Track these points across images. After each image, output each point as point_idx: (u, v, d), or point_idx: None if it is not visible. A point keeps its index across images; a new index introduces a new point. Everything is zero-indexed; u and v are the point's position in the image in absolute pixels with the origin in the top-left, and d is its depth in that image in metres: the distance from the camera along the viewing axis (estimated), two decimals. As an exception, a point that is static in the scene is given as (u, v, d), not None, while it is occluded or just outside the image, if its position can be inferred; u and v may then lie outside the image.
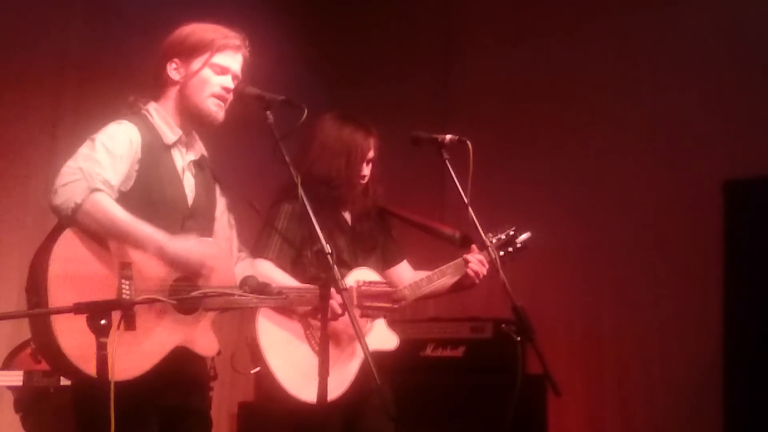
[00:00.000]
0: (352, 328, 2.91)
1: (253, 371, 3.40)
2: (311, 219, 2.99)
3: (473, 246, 3.70)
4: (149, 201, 3.00)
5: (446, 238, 3.76)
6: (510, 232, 3.81)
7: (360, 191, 3.71)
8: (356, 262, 3.63)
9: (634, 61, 5.92)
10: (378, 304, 3.47)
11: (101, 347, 2.49)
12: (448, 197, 5.61)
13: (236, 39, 3.13)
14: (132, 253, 2.89)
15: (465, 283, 3.70)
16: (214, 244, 3.10)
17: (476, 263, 3.65)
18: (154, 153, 3.04)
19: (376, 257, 3.73)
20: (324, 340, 2.82)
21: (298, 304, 3.29)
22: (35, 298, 2.83)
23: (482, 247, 3.68)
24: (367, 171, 3.69)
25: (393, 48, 6.75)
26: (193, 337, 2.99)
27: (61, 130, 5.33)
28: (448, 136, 3.61)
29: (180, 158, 3.12)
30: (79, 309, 2.54)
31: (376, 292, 3.50)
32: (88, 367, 2.73)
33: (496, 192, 5.69)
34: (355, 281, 3.51)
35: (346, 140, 3.63)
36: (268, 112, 3.05)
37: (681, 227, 5.64)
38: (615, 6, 6.02)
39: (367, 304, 3.44)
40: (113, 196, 2.91)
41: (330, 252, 2.89)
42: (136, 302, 2.73)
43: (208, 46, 3.07)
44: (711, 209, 5.50)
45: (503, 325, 3.60)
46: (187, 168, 3.14)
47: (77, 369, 2.79)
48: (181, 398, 3.04)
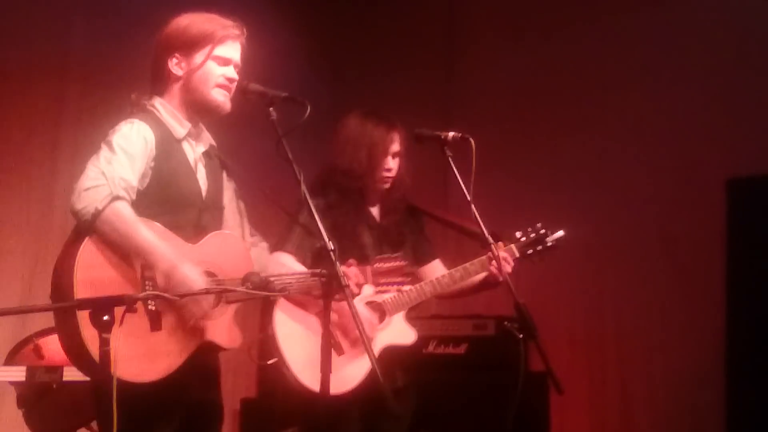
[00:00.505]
0: (363, 322, 2.91)
1: (270, 362, 3.47)
2: (314, 216, 2.99)
3: (500, 243, 3.70)
4: (166, 197, 3.01)
5: (475, 235, 3.74)
6: (541, 230, 3.80)
7: (386, 185, 3.76)
8: None
9: (637, 59, 5.91)
10: (393, 279, 3.45)
11: (104, 343, 2.49)
12: (451, 194, 5.60)
13: (235, 28, 3.12)
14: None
15: (489, 281, 3.70)
16: (231, 237, 3.12)
17: (500, 260, 3.64)
18: (167, 148, 3.04)
19: (404, 254, 3.70)
20: (326, 333, 2.82)
21: (302, 291, 3.25)
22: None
23: (505, 245, 3.70)
24: (392, 165, 3.74)
25: (396, 45, 6.74)
26: (218, 330, 3.01)
27: (63, 128, 5.34)
28: (451, 134, 3.61)
29: (191, 151, 3.13)
30: (81, 305, 2.54)
31: (390, 267, 3.45)
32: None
33: (498, 189, 5.68)
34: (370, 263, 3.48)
35: (368, 133, 3.71)
36: (271, 109, 3.04)
37: (684, 225, 5.64)
38: (618, 4, 6.01)
39: (382, 280, 3.42)
40: (133, 197, 2.92)
41: (333, 249, 2.89)
42: (138, 298, 2.73)
43: (208, 39, 3.07)
44: (714, 207, 5.50)
45: (506, 323, 3.60)
46: (199, 160, 3.15)
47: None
48: (203, 392, 3.08)
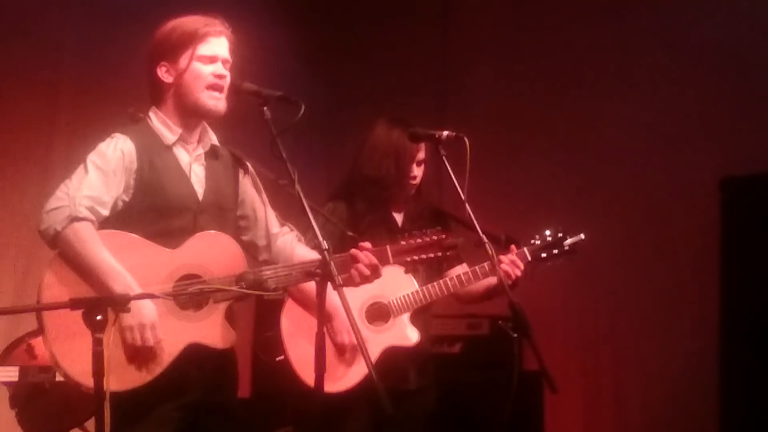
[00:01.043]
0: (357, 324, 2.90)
1: (277, 359, 3.55)
2: (308, 214, 2.97)
3: (512, 246, 3.71)
4: (152, 205, 3.02)
5: (492, 239, 3.71)
6: (558, 234, 3.80)
7: (411, 192, 3.83)
8: None
9: (631, 59, 5.92)
10: (424, 254, 3.22)
11: (96, 343, 2.49)
12: (445, 193, 5.60)
13: (216, 25, 3.10)
14: (133, 257, 2.92)
15: (499, 286, 3.60)
16: (220, 236, 3.08)
17: (507, 263, 3.64)
18: (152, 156, 3.05)
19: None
20: (320, 332, 2.80)
21: (296, 281, 3.19)
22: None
23: (507, 246, 3.69)
24: (417, 172, 3.81)
25: (390, 44, 6.74)
26: (205, 332, 2.99)
27: (57, 127, 5.34)
28: (445, 132, 3.60)
29: (185, 155, 3.12)
30: (74, 305, 2.54)
31: (421, 243, 3.23)
32: (89, 381, 2.76)
33: (493, 188, 5.69)
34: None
35: (395, 142, 3.77)
36: (265, 108, 3.03)
37: (678, 224, 5.65)
38: (612, 4, 6.02)
39: (408, 258, 3.20)
40: (105, 213, 2.96)
41: (327, 248, 2.88)
42: (131, 298, 2.73)
43: (189, 40, 3.06)
44: (708, 206, 5.50)
45: (500, 322, 3.62)
46: (195, 162, 3.14)
47: (79, 384, 2.85)
48: (205, 394, 3.05)
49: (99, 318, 2.49)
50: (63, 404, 4.20)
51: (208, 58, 3.07)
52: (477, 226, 3.56)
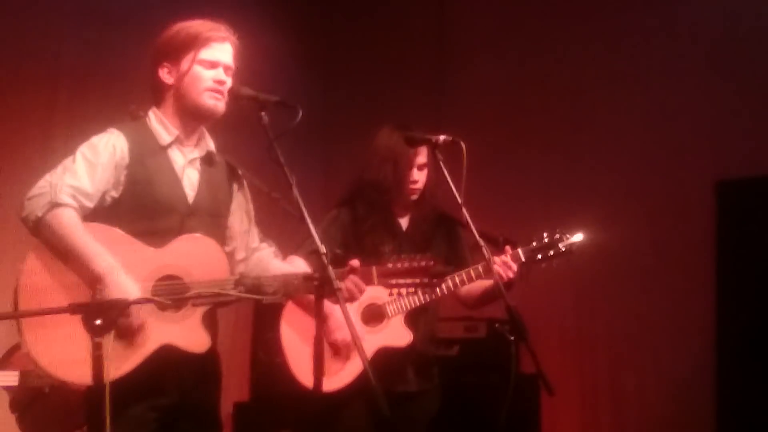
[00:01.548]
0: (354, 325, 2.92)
1: (276, 361, 3.63)
2: (306, 219, 2.99)
3: (506, 248, 3.71)
4: (140, 203, 3.02)
5: (490, 240, 3.70)
6: (555, 235, 3.79)
7: (413, 196, 3.83)
8: None
9: (626, 62, 5.94)
10: (408, 279, 3.20)
11: (96, 347, 2.50)
12: (442, 196, 5.62)
13: (220, 30, 3.12)
14: (115, 252, 2.90)
15: (495, 290, 3.60)
16: (203, 240, 3.07)
17: (500, 264, 3.63)
18: (145, 155, 3.06)
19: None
20: (319, 335, 2.82)
21: (295, 293, 3.21)
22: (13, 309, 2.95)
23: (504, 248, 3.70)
24: (418, 176, 3.80)
25: (387, 49, 6.76)
26: (180, 334, 2.97)
27: (55, 132, 5.33)
28: (441, 137, 3.62)
29: (180, 157, 3.13)
30: (74, 309, 2.55)
31: (408, 267, 3.20)
32: (59, 373, 2.84)
33: (489, 192, 5.70)
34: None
35: (393, 146, 3.78)
36: (262, 113, 3.03)
37: (673, 227, 5.66)
38: (607, 7, 6.04)
39: (393, 281, 3.20)
40: (89, 204, 2.96)
41: (324, 252, 2.90)
42: (131, 302, 2.73)
43: (192, 43, 3.07)
44: (703, 209, 5.53)
45: (497, 325, 3.62)
46: (190, 166, 3.15)
47: (49, 375, 2.86)
48: (181, 396, 3.03)
49: (98, 323, 2.49)
50: (62, 408, 4.20)
51: (209, 63, 3.09)
52: (473, 229, 3.59)
